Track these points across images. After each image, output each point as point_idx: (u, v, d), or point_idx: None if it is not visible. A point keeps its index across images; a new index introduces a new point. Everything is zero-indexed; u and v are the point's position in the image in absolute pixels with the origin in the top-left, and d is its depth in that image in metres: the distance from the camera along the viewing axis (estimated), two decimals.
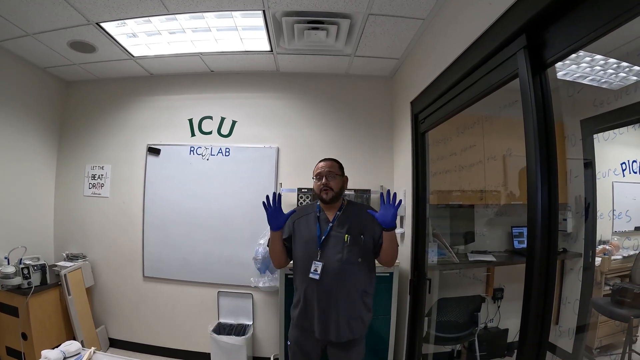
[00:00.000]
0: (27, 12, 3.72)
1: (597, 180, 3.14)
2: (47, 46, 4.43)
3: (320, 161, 3.20)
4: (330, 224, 3.06)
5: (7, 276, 4.26)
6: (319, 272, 2.90)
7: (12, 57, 4.67)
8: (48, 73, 5.25)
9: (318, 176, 3.10)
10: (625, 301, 3.30)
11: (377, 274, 4.06)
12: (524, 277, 2.23)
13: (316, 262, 2.93)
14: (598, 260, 3.50)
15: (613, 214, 3.09)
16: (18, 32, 4.10)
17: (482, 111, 4.27)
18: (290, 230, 3.18)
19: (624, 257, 3.42)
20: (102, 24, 3.93)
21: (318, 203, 3.22)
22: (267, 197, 2.95)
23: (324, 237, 3.02)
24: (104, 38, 4.23)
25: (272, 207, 2.94)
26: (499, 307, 4.70)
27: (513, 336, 4.54)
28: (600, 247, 3.44)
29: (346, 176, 3.22)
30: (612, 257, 3.44)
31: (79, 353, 2.93)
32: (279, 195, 3.02)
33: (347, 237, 2.97)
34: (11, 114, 4.73)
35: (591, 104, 3.02)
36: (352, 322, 2.94)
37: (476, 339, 4.32)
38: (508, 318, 4.65)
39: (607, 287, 3.49)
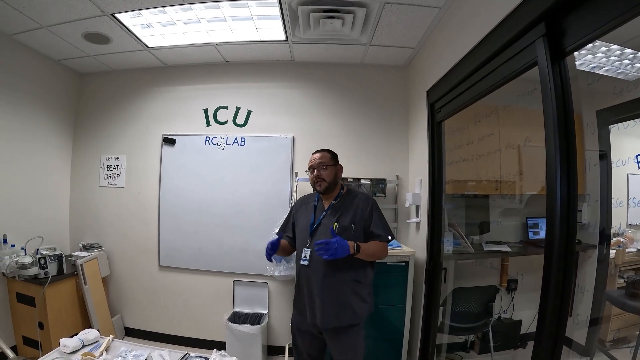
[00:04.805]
0: (41, 4, 3.73)
1: (612, 169, 3.12)
2: (61, 38, 4.44)
3: (313, 153, 3.25)
4: (324, 213, 3.13)
5: (24, 266, 4.30)
6: (307, 258, 3.02)
7: (27, 50, 4.70)
8: (62, 65, 5.27)
9: (310, 169, 3.16)
10: (639, 294, 3.29)
11: (392, 264, 4.09)
12: (538, 269, 2.22)
13: (305, 249, 3.05)
14: (612, 252, 3.48)
15: (628, 206, 3.08)
16: (32, 24, 4.12)
17: (497, 101, 4.25)
18: (293, 218, 3.37)
19: (638, 249, 3.41)
20: (116, 15, 3.94)
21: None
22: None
23: (316, 225, 3.10)
24: (118, 29, 4.23)
25: (269, 250, 2.99)
26: (512, 298, 4.69)
27: (526, 328, 4.54)
28: (615, 239, 3.42)
29: (340, 165, 3.26)
30: (627, 250, 3.42)
31: (97, 341, 2.97)
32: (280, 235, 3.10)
33: (336, 225, 3.00)
34: (26, 106, 4.77)
35: (607, 95, 3.01)
36: (340, 310, 2.96)
37: (490, 329, 4.31)
38: (522, 309, 4.64)
39: (621, 280, 3.48)
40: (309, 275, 3.01)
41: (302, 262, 3.06)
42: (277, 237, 3.05)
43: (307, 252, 3.04)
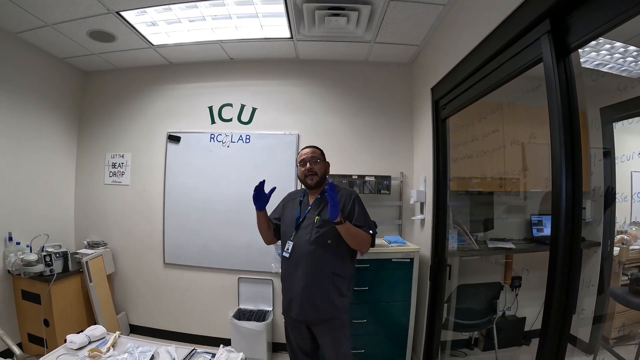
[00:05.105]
0: (46, 2, 3.74)
1: (616, 165, 3.13)
2: (66, 36, 4.45)
3: (303, 148, 3.32)
4: (309, 207, 3.20)
5: (29, 264, 4.32)
6: (289, 250, 3.12)
7: (32, 48, 4.71)
8: (67, 63, 5.28)
9: (302, 162, 3.22)
10: None
11: (397, 260, 4.10)
12: (541, 266, 2.24)
13: (289, 241, 3.16)
14: (616, 249, 3.48)
15: (632, 204, 3.08)
16: (37, 22, 4.12)
17: (502, 98, 4.26)
18: (280, 212, 3.45)
19: None
20: (122, 13, 3.95)
21: (305, 188, 3.35)
22: (261, 183, 3.11)
23: (301, 219, 3.16)
24: (123, 27, 4.24)
25: (256, 191, 3.09)
26: (516, 295, 4.69)
27: (530, 325, 4.54)
28: (619, 236, 3.43)
29: (328, 162, 3.35)
30: (630, 247, 3.42)
31: (103, 337, 2.98)
32: (272, 188, 3.17)
33: (317, 219, 3.08)
34: (31, 104, 4.78)
35: (611, 92, 3.01)
36: (319, 302, 3.01)
37: (494, 326, 4.32)
38: (525, 307, 4.64)
39: (625, 277, 3.48)
40: (290, 267, 3.13)
41: (284, 254, 3.16)
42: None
43: (289, 245, 3.12)
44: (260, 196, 3.10)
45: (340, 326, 3.10)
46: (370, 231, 3.10)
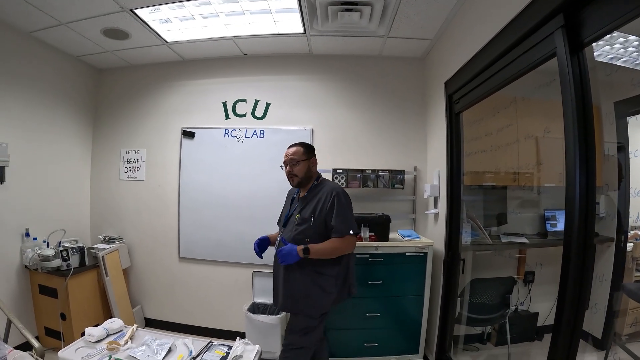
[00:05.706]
0: (60, 1, 3.77)
1: (630, 160, 3.11)
2: (80, 34, 4.48)
3: (288, 147, 3.36)
4: (296, 205, 3.29)
5: (46, 259, 4.37)
6: (276, 246, 3.25)
7: (46, 47, 4.74)
8: (81, 61, 5.32)
9: (284, 164, 3.29)
10: None
11: (411, 254, 4.11)
12: (554, 261, 2.24)
13: (278, 237, 3.34)
14: (630, 245, 3.46)
15: None
16: (51, 21, 4.15)
17: (516, 92, 4.24)
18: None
19: None
20: (135, 11, 3.96)
21: None
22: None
23: (290, 215, 3.28)
24: (137, 24, 4.26)
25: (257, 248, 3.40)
26: (529, 290, 4.68)
27: (543, 320, 4.53)
28: (633, 232, 3.41)
29: (314, 158, 3.35)
30: None
31: (121, 330, 3.04)
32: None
33: (297, 217, 3.15)
34: (46, 102, 4.83)
35: (624, 86, 3.00)
36: (299, 298, 3.08)
37: (507, 321, 4.31)
38: (538, 302, 4.62)
39: (639, 273, 3.47)
40: (276, 262, 3.24)
41: (274, 248, 3.25)
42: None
43: (277, 241, 3.31)
44: (260, 249, 3.38)
45: (307, 319, 3.14)
46: (351, 231, 3.07)
